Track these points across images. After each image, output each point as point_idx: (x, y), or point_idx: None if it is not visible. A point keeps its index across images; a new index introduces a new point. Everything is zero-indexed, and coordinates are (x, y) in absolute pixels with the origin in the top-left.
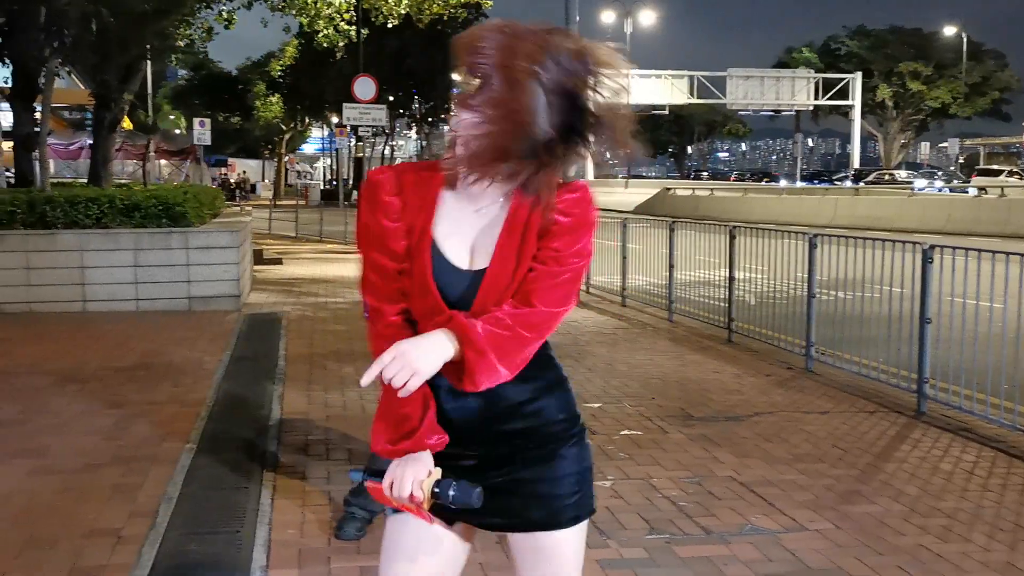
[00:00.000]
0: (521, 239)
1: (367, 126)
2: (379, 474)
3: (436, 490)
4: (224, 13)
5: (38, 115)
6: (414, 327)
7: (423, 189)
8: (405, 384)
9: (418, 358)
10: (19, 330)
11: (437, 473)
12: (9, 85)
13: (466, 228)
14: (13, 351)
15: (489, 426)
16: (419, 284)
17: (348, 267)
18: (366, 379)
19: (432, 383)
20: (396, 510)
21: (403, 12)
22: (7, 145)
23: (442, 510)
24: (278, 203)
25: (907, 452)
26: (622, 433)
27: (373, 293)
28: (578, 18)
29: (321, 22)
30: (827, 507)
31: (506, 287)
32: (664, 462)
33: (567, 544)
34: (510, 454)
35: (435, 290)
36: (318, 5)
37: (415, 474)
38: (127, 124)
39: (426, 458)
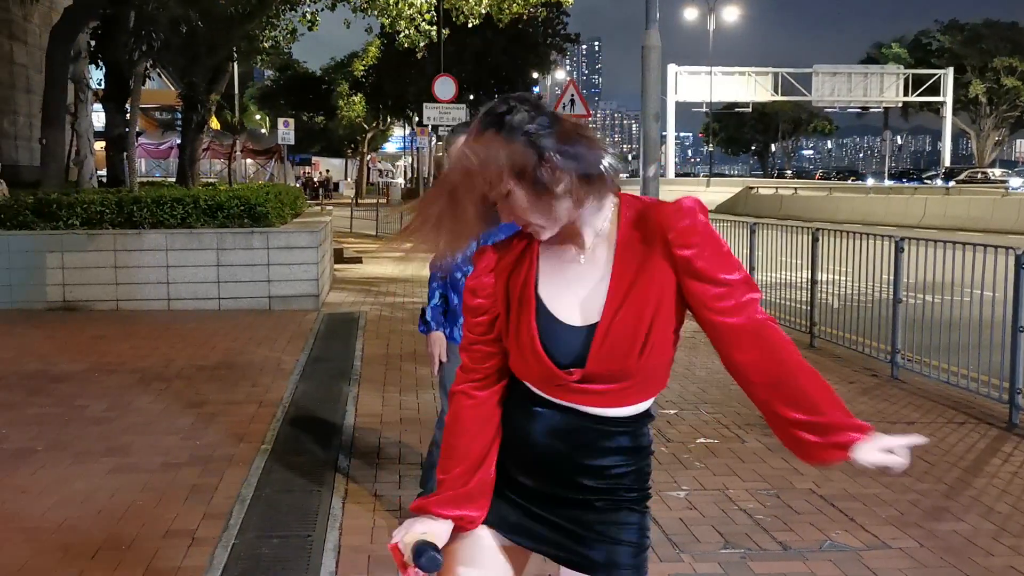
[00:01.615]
0: (631, 285)
1: (447, 126)
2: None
3: (416, 550)
4: (308, 15)
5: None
6: (495, 411)
7: (519, 253)
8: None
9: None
10: (108, 327)
11: (434, 538)
12: (103, 87)
13: (572, 284)
14: (103, 348)
15: (570, 473)
16: (526, 347)
17: (425, 267)
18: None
19: (529, 416)
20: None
21: (483, 11)
22: (99, 145)
23: (501, 525)
24: (360, 202)
25: (998, 466)
26: (698, 441)
27: (463, 377)
28: (658, 16)
29: (402, 22)
30: (912, 524)
31: (627, 339)
32: (741, 473)
33: None
34: (582, 505)
35: (544, 355)
36: (399, 6)
37: (409, 532)
38: (215, 124)
39: (429, 523)
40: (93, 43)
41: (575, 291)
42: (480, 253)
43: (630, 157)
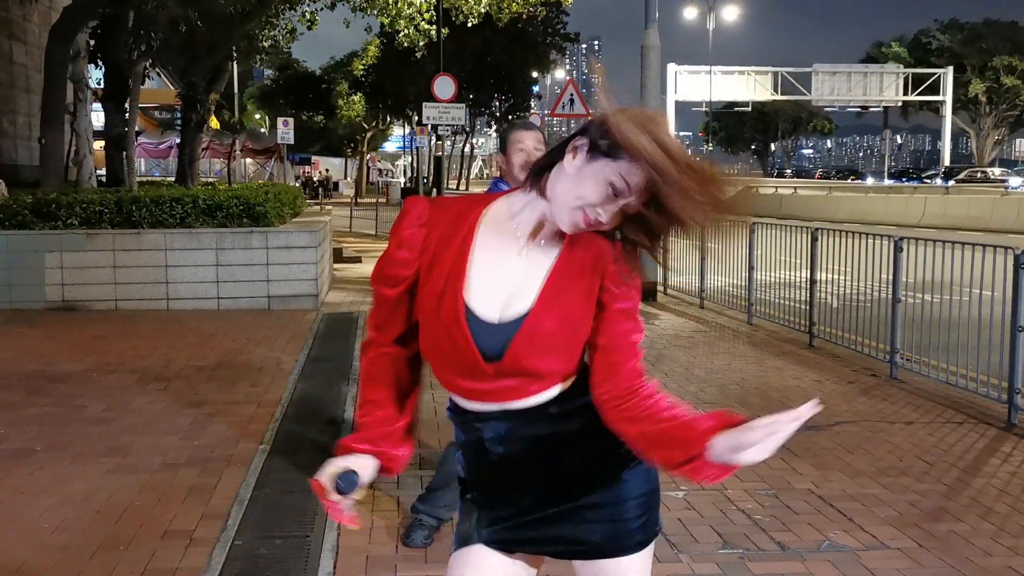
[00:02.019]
0: (574, 288)
1: (447, 125)
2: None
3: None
4: (307, 14)
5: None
6: (411, 365)
7: (458, 226)
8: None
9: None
10: (107, 327)
11: (359, 468)
12: (102, 87)
13: (506, 272)
14: (102, 348)
15: (546, 463)
16: (448, 332)
17: None
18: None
19: (477, 433)
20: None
21: (483, 11)
22: (99, 145)
23: (502, 542)
24: (359, 201)
25: (996, 467)
26: None
27: (371, 320)
28: (657, 15)
29: (402, 22)
30: (910, 524)
31: (551, 338)
32: (740, 473)
33: (633, 570)
34: (575, 486)
35: (471, 340)
36: (399, 5)
37: (329, 467)
38: (214, 123)
39: (353, 459)
40: (92, 42)
41: (503, 281)
42: (413, 202)
43: None
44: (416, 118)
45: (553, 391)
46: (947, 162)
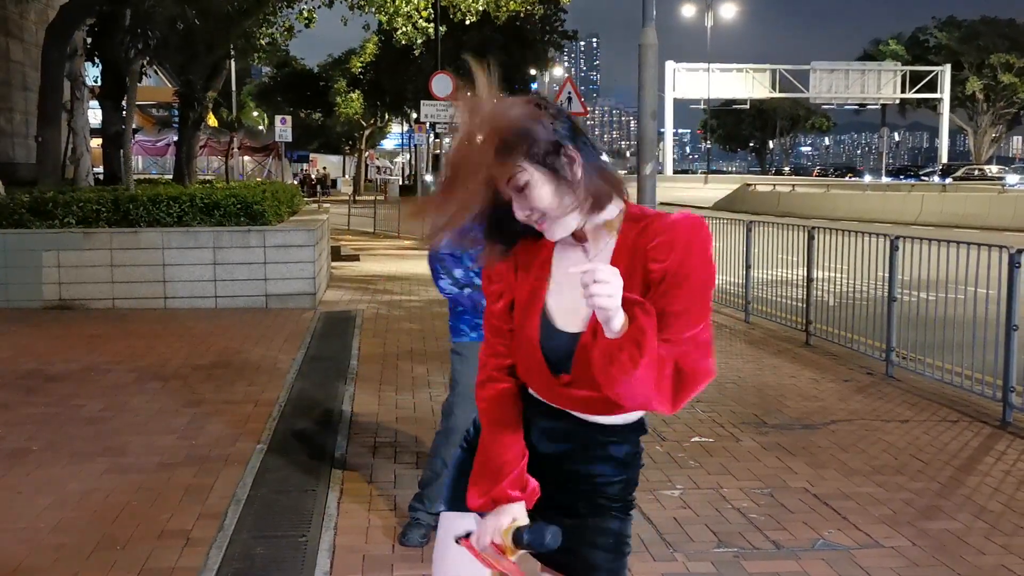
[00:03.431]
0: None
1: (445, 123)
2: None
3: (516, 537)
4: (305, 12)
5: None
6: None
7: (537, 249)
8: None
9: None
10: (104, 326)
11: (523, 521)
12: (99, 85)
13: (572, 288)
14: (99, 347)
15: (560, 477)
16: (526, 346)
17: (423, 264)
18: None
19: (528, 424)
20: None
21: (481, 8)
22: (96, 143)
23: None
24: (357, 199)
25: (990, 465)
26: (693, 440)
27: (487, 355)
28: (655, 13)
29: (399, 20)
30: (904, 523)
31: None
32: (735, 471)
33: None
34: (566, 506)
35: (540, 355)
36: (396, 3)
37: (496, 523)
38: (212, 121)
39: (512, 509)
40: (90, 40)
41: (573, 295)
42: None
43: (628, 154)
44: (414, 116)
45: (618, 419)
46: (944, 159)
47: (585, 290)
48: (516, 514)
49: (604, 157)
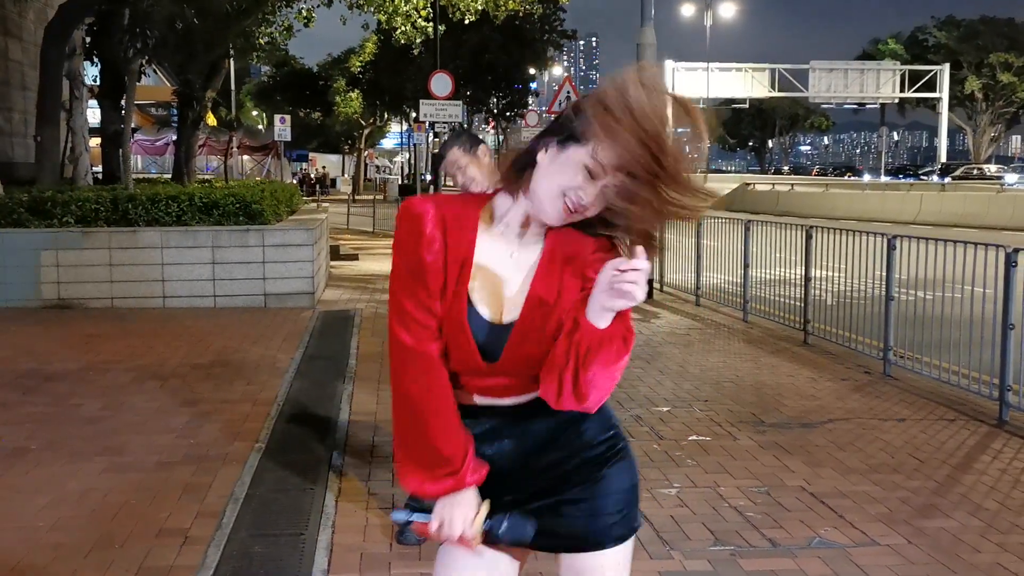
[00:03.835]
0: (557, 285)
1: (444, 122)
2: (423, 511)
3: (487, 527)
4: (304, 11)
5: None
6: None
7: (463, 226)
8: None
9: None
10: (104, 326)
11: (485, 508)
12: (98, 84)
13: (501, 275)
14: (98, 347)
15: (527, 463)
16: (455, 332)
17: None
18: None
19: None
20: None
21: (480, 8)
22: (95, 142)
23: (486, 533)
24: (357, 198)
25: (987, 464)
26: (690, 439)
27: (416, 334)
28: (654, 13)
29: (398, 19)
30: (901, 521)
31: (539, 340)
32: (733, 470)
33: (613, 564)
34: (553, 484)
35: (472, 341)
36: (395, 2)
37: (464, 514)
38: (211, 120)
39: (471, 495)
40: (88, 39)
41: (500, 284)
42: (422, 205)
43: None
44: (413, 115)
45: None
46: (943, 159)
47: (621, 285)
48: (476, 501)
49: None
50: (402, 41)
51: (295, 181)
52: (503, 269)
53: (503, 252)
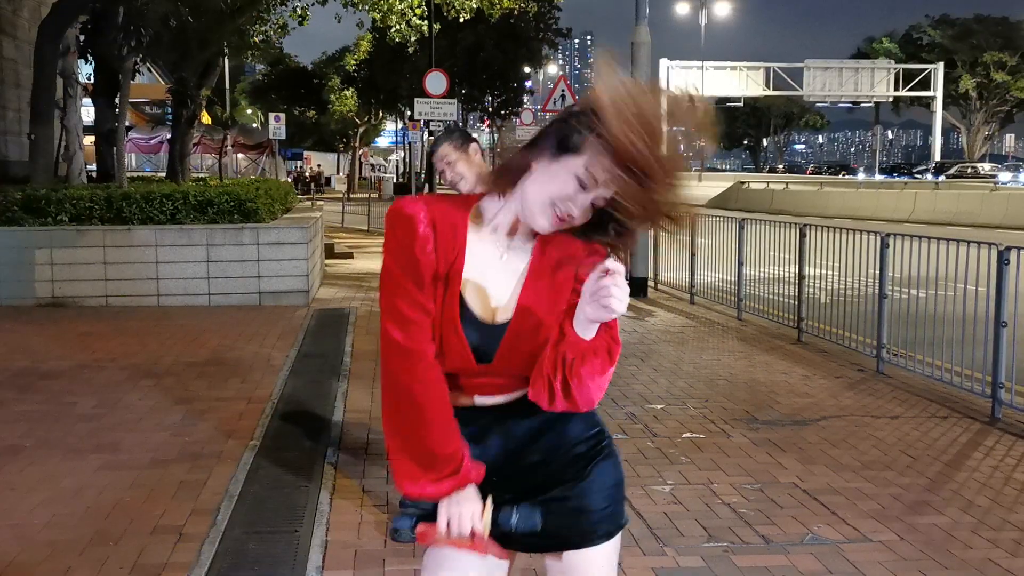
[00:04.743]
0: (548, 288)
1: (439, 121)
2: (422, 513)
3: (498, 521)
4: (298, 9)
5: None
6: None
7: (453, 228)
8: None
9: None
10: (97, 324)
11: (490, 502)
12: (92, 82)
13: (490, 277)
14: (92, 345)
15: (511, 462)
16: (448, 333)
17: None
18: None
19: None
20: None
21: (474, 6)
22: (89, 140)
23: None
24: (351, 196)
25: (979, 460)
26: (684, 436)
27: (413, 334)
28: (648, 11)
29: (393, 17)
30: (893, 518)
31: (532, 342)
32: (726, 467)
33: (599, 561)
34: (538, 483)
35: (466, 342)
36: (390, 0)
37: (472, 509)
38: (205, 119)
39: (474, 492)
40: (82, 38)
41: (491, 285)
42: (413, 206)
43: None
44: (408, 113)
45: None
46: (938, 157)
47: (604, 290)
48: (479, 497)
49: None
50: (397, 39)
51: (290, 179)
52: (493, 271)
53: (493, 254)
